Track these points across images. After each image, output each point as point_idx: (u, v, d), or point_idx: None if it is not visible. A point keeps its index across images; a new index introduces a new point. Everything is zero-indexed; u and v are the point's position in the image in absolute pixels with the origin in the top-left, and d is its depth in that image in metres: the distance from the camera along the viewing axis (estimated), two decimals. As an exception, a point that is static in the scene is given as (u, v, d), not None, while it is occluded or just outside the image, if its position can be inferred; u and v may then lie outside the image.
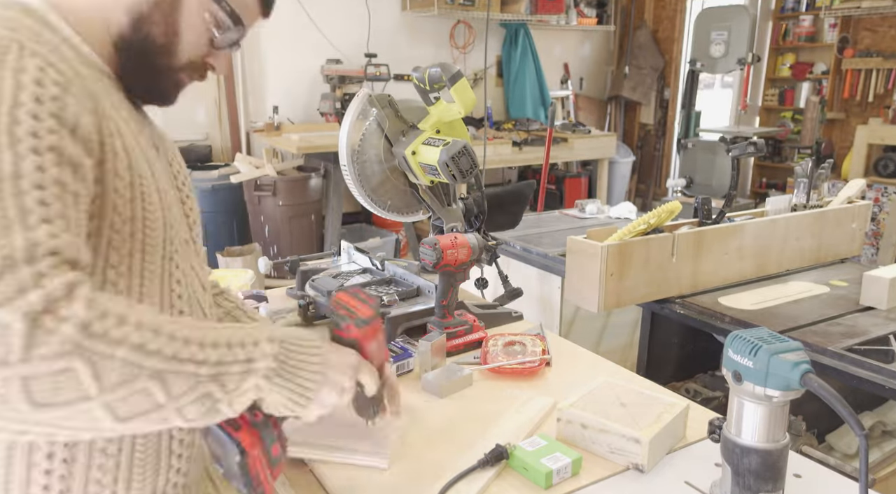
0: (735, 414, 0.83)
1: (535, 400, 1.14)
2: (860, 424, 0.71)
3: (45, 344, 0.54)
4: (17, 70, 0.61)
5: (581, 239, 1.76)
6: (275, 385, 0.69)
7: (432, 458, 0.98)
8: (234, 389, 0.66)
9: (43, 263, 0.56)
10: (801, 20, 5.49)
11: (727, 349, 0.82)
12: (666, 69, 6.20)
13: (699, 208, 1.96)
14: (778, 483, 0.83)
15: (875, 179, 4.50)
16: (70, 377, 0.55)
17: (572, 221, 2.86)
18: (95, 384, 0.56)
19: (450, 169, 1.32)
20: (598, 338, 2.45)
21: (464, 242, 1.32)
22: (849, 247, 2.29)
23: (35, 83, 0.62)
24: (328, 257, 1.80)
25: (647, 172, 6.41)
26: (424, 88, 1.40)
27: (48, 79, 0.63)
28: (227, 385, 0.65)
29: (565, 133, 5.15)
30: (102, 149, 0.68)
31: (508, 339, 1.34)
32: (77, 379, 0.55)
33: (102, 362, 0.56)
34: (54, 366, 0.54)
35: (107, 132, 0.69)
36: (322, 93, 4.71)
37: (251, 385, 0.67)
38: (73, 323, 0.55)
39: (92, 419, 0.57)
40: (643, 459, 0.94)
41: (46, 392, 0.54)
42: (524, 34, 5.61)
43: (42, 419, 0.56)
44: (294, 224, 4.20)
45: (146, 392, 0.59)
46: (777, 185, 5.76)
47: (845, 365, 1.50)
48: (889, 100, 4.97)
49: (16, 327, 0.53)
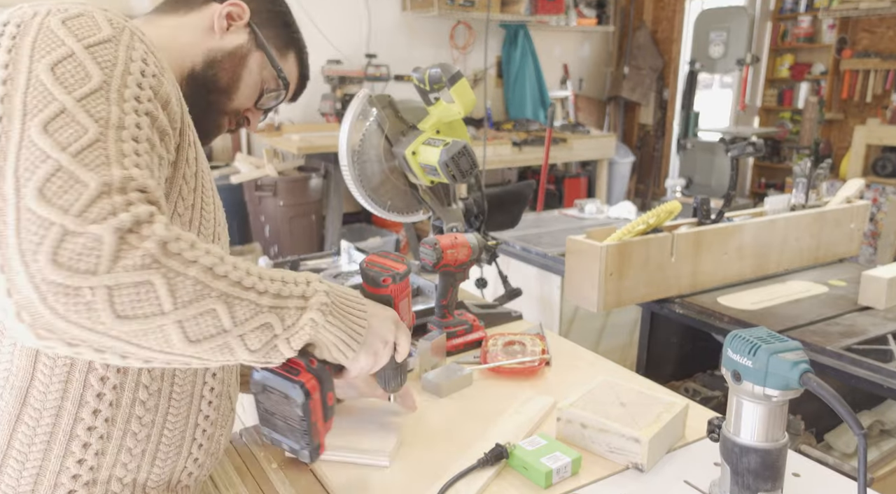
0: (734, 414, 0.84)
1: (534, 399, 1.14)
2: (859, 423, 0.71)
3: (129, 256, 0.60)
4: (129, 47, 0.72)
5: (580, 238, 1.77)
6: (328, 323, 0.76)
7: (432, 457, 0.98)
8: (292, 325, 0.71)
9: (132, 195, 0.63)
10: (799, 21, 5.50)
11: (726, 348, 0.82)
12: (665, 70, 6.20)
13: (698, 208, 1.96)
14: (777, 483, 0.84)
15: (873, 179, 4.50)
16: (149, 290, 0.61)
17: (572, 221, 2.87)
18: (170, 299, 0.62)
19: (450, 169, 1.32)
20: (598, 338, 2.45)
21: (464, 242, 1.32)
22: (847, 247, 2.30)
23: (141, 60, 0.72)
24: (328, 257, 1.80)
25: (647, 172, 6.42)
26: (424, 89, 1.41)
27: (151, 60, 0.73)
28: (286, 319, 0.71)
29: (565, 133, 5.16)
30: (181, 135, 0.76)
31: (508, 339, 1.34)
32: (155, 293, 0.61)
33: (176, 279, 0.62)
34: (136, 278, 0.60)
35: (186, 122, 0.78)
36: (322, 94, 4.72)
37: (307, 320, 0.73)
38: (153, 241, 0.62)
39: (165, 337, 0.63)
40: (643, 458, 0.95)
41: (127, 303, 0.60)
42: (524, 35, 5.62)
43: (122, 332, 0.61)
44: (294, 224, 4.20)
45: (214, 314, 0.64)
46: (776, 185, 5.77)
47: (844, 364, 1.51)
48: (887, 100, 4.98)
49: (107, 240, 0.60)
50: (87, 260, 0.59)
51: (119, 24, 0.73)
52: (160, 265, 0.62)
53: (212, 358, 0.67)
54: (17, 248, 0.58)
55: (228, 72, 0.95)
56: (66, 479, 0.75)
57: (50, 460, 0.74)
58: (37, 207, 0.59)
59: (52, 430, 0.73)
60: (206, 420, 0.85)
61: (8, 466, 0.74)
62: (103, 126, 0.65)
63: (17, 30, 0.68)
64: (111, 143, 0.65)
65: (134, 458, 0.78)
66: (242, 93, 0.99)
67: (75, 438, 0.74)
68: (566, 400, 1.04)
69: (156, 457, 0.80)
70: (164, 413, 0.79)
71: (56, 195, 0.60)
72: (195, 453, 0.85)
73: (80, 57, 0.67)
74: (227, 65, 0.95)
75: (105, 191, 0.62)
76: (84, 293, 0.59)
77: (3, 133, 0.63)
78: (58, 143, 0.62)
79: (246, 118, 1.03)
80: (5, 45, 0.67)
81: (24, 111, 0.63)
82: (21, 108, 0.63)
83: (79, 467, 0.75)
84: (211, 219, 0.82)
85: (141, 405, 0.77)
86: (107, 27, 0.71)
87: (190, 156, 0.78)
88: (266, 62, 1.00)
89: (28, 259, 0.58)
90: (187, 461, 0.84)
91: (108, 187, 0.62)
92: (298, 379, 0.76)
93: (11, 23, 0.69)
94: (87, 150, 0.63)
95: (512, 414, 1.09)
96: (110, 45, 0.70)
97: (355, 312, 0.81)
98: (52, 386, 0.72)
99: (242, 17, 0.97)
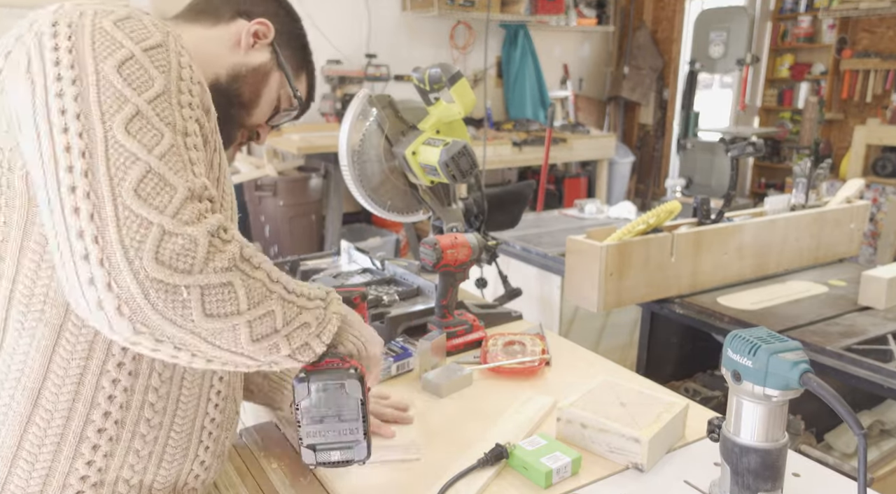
0: (734, 414, 0.84)
1: (534, 399, 1.14)
2: (859, 423, 0.71)
3: (218, 259, 0.64)
4: (178, 53, 0.73)
5: (581, 238, 1.77)
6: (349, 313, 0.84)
7: (432, 458, 0.98)
8: (322, 319, 0.77)
9: (207, 202, 0.68)
10: (799, 21, 5.50)
11: (726, 348, 0.82)
12: (665, 70, 6.20)
13: (698, 208, 1.96)
14: (777, 483, 0.84)
15: (873, 179, 4.50)
16: (230, 291, 0.65)
17: (572, 221, 2.87)
18: (246, 299, 0.66)
19: (450, 169, 1.33)
20: (598, 338, 2.45)
21: (464, 242, 1.32)
22: (847, 247, 2.30)
23: (189, 67, 0.74)
24: (328, 257, 1.80)
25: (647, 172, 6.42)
26: (424, 89, 1.41)
27: (194, 67, 0.76)
28: (319, 316, 0.76)
29: (565, 133, 5.16)
30: (213, 139, 0.79)
31: (508, 339, 1.34)
32: (235, 294, 0.65)
33: (249, 281, 0.67)
34: (222, 279, 0.64)
35: (215, 128, 0.80)
36: (322, 94, 4.72)
37: (331, 313, 0.78)
38: (235, 245, 0.67)
39: (235, 336, 0.66)
40: (643, 458, 0.95)
41: (214, 302, 0.64)
42: (524, 35, 5.61)
43: (204, 329, 0.64)
44: (294, 224, 4.20)
45: (272, 315, 0.69)
46: (776, 185, 5.77)
47: (844, 364, 1.51)
48: (887, 100, 4.98)
49: (201, 241, 0.64)
50: (184, 259, 0.62)
51: (163, 29, 0.74)
52: (238, 269, 0.66)
53: (261, 358, 0.71)
54: (120, 244, 0.61)
55: (251, 87, 0.98)
56: (75, 480, 0.75)
57: (59, 461, 0.74)
58: (135, 206, 0.62)
59: (62, 432, 0.74)
60: (212, 423, 0.85)
61: (18, 467, 0.74)
62: (173, 131, 0.68)
63: (69, 30, 0.68)
64: (182, 150, 0.68)
65: (141, 459, 0.79)
66: (260, 110, 1.01)
67: (85, 439, 0.74)
68: (566, 400, 1.04)
69: (162, 459, 0.81)
70: (171, 415, 0.80)
71: (150, 195, 0.63)
72: (201, 455, 0.85)
73: (141, 59, 0.69)
74: (251, 80, 0.98)
75: (189, 195, 0.65)
76: (181, 291, 0.62)
77: (84, 131, 0.64)
78: (144, 146, 0.65)
79: (257, 133, 1.05)
80: (65, 46, 0.67)
81: (101, 110, 0.65)
82: (98, 108, 0.65)
83: (87, 468, 0.75)
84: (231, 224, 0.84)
85: (150, 407, 0.77)
86: (155, 31, 0.72)
87: (215, 162, 0.79)
88: (284, 82, 1.02)
89: (132, 255, 0.61)
90: (193, 463, 0.85)
91: (191, 192, 0.66)
92: (348, 365, 0.80)
93: (61, 22, 0.68)
94: (168, 154, 0.66)
95: (512, 414, 1.09)
96: (163, 51, 0.71)
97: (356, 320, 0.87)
98: (65, 388, 0.72)
99: (268, 36, 0.99)
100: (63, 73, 0.66)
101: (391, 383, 1.22)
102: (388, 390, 1.15)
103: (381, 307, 1.39)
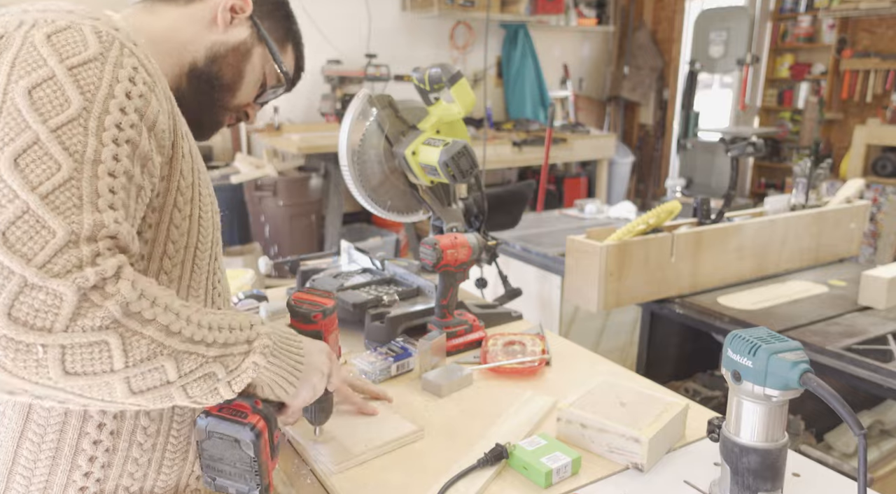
0: (734, 414, 0.84)
1: (534, 399, 1.14)
2: (859, 423, 0.71)
3: (89, 316, 0.59)
4: (117, 65, 0.68)
5: (581, 238, 1.77)
6: (270, 364, 0.76)
7: (432, 458, 0.98)
8: (235, 369, 0.71)
9: (101, 244, 0.61)
10: (799, 21, 5.50)
11: (726, 348, 0.82)
12: (665, 69, 6.20)
13: (698, 208, 1.96)
14: (777, 483, 0.84)
15: (873, 179, 4.50)
16: (102, 349, 0.60)
17: (572, 221, 2.87)
18: (123, 359, 0.61)
19: (450, 169, 1.33)
20: (598, 338, 2.45)
21: (464, 242, 1.32)
22: (847, 247, 2.30)
23: (128, 79, 0.68)
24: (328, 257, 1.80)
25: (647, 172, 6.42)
26: (424, 89, 1.41)
27: (139, 77, 0.69)
28: (230, 365, 0.70)
29: (565, 133, 5.16)
30: (174, 148, 0.74)
31: (508, 339, 1.34)
32: (109, 353, 0.60)
33: (132, 338, 0.61)
34: (92, 338, 0.59)
35: (179, 133, 0.76)
36: (322, 94, 4.72)
37: (250, 363, 0.72)
38: (116, 301, 0.60)
39: (109, 391, 0.62)
40: (643, 458, 0.95)
41: (78, 362, 0.59)
42: (524, 35, 5.61)
43: (67, 385, 0.60)
44: (294, 224, 4.20)
45: (162, 369, 0.64)
46: (776, 185, 5.77)
47: (844, 364, 1.51)
48: (887, 100, 4.98)
49: (67, 298, 0.58)
50: (43, 316, 0.57)
51: (108, 37, 0.69)
52: (119, 325, 0.60)
53: (150, 405, 0.67)
54: None
55: (232, 67, 0.92)
56: (74, 492, 0.75)
57: (56, 474, 0.74)
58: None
59: (56, 445, 0.73)
60: None
61: (14, 482, 0.73)
62: (78, 161, 0.62)
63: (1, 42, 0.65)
64: (85, 182, 0.62)
65: (140, 467, 0.78)
66: (245, 89, 0.96)
67: (81, 452, 0.74)
68: (566, 400, 1.04)
69: (161, 465, 0.80)
70: (168, 421, 0.79)
71: (20, 241, 0.57)
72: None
73: (62, 80, 0.64)
74: (231, 60, 0.92)
75: (73, 239, 0.59)
76: (36, 350, 0.57)
77: None
78: (28, 182, 0.59)
79: (245, 113, 1.01)
80: None
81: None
82: None
83: (86, 480, 0.75)
84: (209, 227, 0.81)
85: (145, 415, 0.77)
86: (94, 43, 0.67)
87: (185, 167, 0.76)
88: (268, 56, 0.96)
89: None
90: (194, 466, 0.84)
91: (76, 236, 0.59)
92: (248, 421, 0.75)
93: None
94: (58, 190, 0.60)
95: (512, 414, 1.09)
96: (95, 65, 0.66)
97: (293, 350, 0.81)
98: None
99: (245, 10, 0.92)
100: None
101: (391, 383, 1.22)
102: (389, 390, 1.15)
103: (381, 307, 1.40)
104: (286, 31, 1.00)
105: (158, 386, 0.64)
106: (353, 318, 1.40)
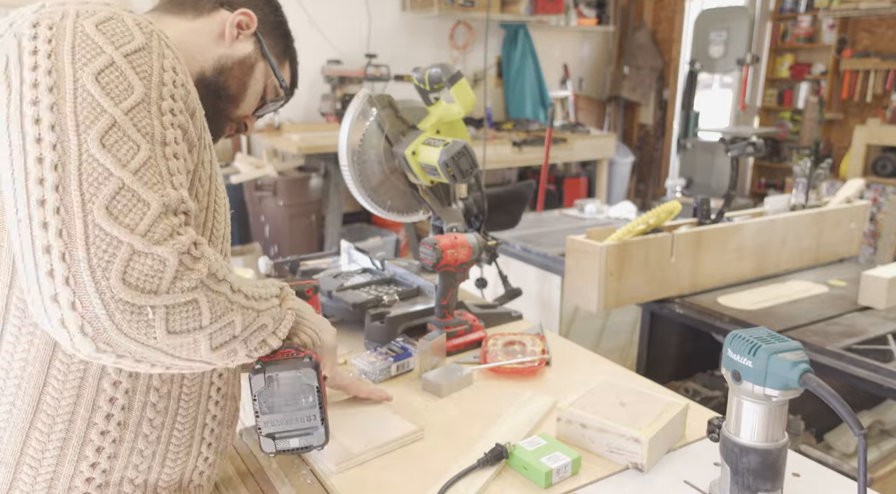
0: (734, 414, 0.84)
1: (534, 399, 1.14)
2: (859, 423, 0.71)
3: (186, 278, 0.65)
4: (161, 55, 0.72)
5: (581, 238, 1.77)
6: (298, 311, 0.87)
7: (432, 458, 0.98)
8: (279, 318, 0.80)
9: (182, 216, 0.68)
10: (799, 21, 5.50)
11: (726, 348, 0.82)
12: (665, 69, 6.21)
13: (698, 208, 1.96)
14: (777, 483, 0.84)
15: (873, 179, 4.50)
16: (194, 308, 0.66)
17: (572, 221, 2.87)
18: (209, 315, 0.67)
19: (450, 169, 1.33)
20: (598, 338, 2.46)
21: (464, 242, 1.32)
22: (847, 247, 2.30)
23: (172, 69, 0.72)
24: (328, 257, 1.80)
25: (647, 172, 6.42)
26: (424, 89, 1.41)
27: (179, 68, 0.74)
28: (275, 315, 0.79)
29: (565, 133, 5.16)
30: (200, 139, 0.78)
31: (508, 339, 1.34)
32: (199, 311, 0.66)
33: (213, 296, 0.68)
34: (188, 297, 0.65)
35: (202, 126, 0.79)
36: (322, 94, 4.72)
37: (286, 310, 0.82)
38: (203, 263, 0.67)
39: (196, 347, 0.68)
40: (643, 458, 0.95)
41: (178, 321, 0.65)
42: (524, 35, 5.62)
43: (167, 344, 0.65)
44: (294, 224, 4.20)
45: (232, 325, 0.70)
46: (776, 185, 5.77)
47: (844, 364, 1.51)
48: (887, 100, 4.98)
49: (170, 262, 0.64)
50: (151, 280, 0.62)
51: (147, 28, 0.72)
52: (204, 285, 0.67)
53: (218, 363, 0.72)
54: (87, 263, 0.60)
55: (237, 79, 0.97)
56: (80, 482, 0.75)
57: (64, 465, 0.74)
58: (105, 224, 0.61)
59: (65, 436, 0.73)
60: (213, 420, 0.85)
61: (22, 472, 0.74)
62: (150, 142, 0.67)
63: (50, 32, 0.66)
64: (160, 161, 0.67)
65: (145, 459, 0.79)
66: (247, 102, 1.01)
67: (88, 442, 0.74)
68: (566, 400, 1.04)
69: (166, 458, 0.81)
70: (173, 414, 0.80)
71: (122, 213, 0.62)
72: (205, 452, 0.85)
73: (121, 66, 0.67)
74: (237, 73, 0.97)
75: (163, 211, 0.65)
76: (146, 311, 0.62)
77: (58, 143, 0.62)
78: (118, 160, 0.64)
79: (244, 124, 1.05)
80: (44, 50, 0.65)
81: (77, 122, 0.63)
82: (73, 119, 0.63)
83: (92, 470, 0.75)
84: (222, 221, 0.83)
85: (152, 407, 0.78)
86: (138, 33, 0.71)
87: (206, 159, 0.79)
88: (269, 71, 1.02)
89: (98, 275, 0.60)
90: (198, 460, 0.85)
91: (165, 207, 0.65)
92: (303, 355, 0.83)
93: (42, 24, 0.67)
94: (143, 168, 0.65)
95: (512, 414, 1.09)
96: (145, 54, 0.70)
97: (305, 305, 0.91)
98: (66, 393, 0.72)
99: (251, 27, 0.98)
100: (40, 78, 0.64)
101: (391, 383, 1.22)
102: (388, 390, 1.15)
103: (381, 307, 1.40)
104: (284, 48, 1.07)
105: (229, 341, 0.71)
106: (353, 318, 1.40)
